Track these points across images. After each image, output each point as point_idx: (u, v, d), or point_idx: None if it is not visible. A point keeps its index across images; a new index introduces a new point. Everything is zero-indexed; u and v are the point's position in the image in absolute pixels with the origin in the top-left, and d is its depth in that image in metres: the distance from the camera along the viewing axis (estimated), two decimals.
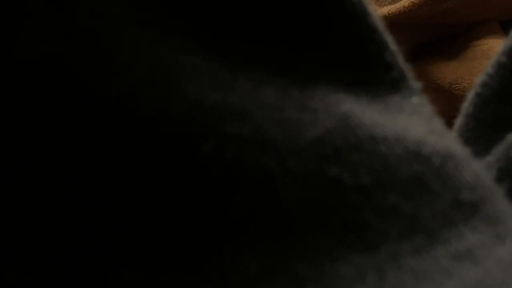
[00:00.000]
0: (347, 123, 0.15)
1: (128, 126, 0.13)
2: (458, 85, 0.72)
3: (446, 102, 0.72)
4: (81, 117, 0.13)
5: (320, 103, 0.15)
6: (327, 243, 0.13)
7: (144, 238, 0.13)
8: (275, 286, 0.13)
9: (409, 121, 0.16)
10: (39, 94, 0.13)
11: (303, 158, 0.14)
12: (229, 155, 0.13)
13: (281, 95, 0.14)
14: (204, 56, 0.14)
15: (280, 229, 0.13)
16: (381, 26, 0.17)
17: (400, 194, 0.14)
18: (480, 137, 0.27)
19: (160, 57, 0.14)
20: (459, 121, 0.29)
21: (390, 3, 0.76)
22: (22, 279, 0.13)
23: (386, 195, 0.14)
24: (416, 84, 0.17)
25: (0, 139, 0.13)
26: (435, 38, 0.77)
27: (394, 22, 0.72)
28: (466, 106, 0.29)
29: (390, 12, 0.73)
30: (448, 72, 0.73)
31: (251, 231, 0.13)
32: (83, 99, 0.13)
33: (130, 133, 0.13)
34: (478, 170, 0.16)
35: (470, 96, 0.28)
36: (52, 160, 0.13)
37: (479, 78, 0.28)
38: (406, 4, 0.72)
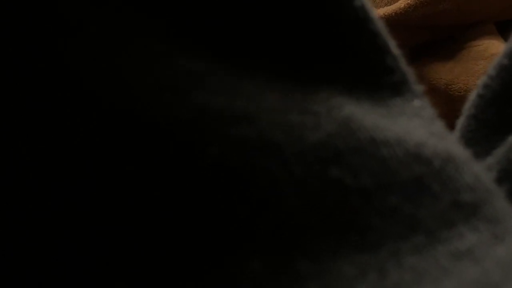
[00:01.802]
0: (349, 126, 0.15)
1: (135, 130, 0.13)
2: (454, 86, 0.72)
3: (442, 103, 0.73)
4: (88, 123, 0.13)
5: (322, 107, 0.15)
6: (329, 243, 0.14)
7: (149, 239, 0.13)
8: (279, 284, 0.13)
9: (410, 123, 0.16)
10: (48, 98, 0.13)
11: (306, 161, 0.14)
12: (234, 159, 0.13)
13: (284, 98, 0.15)
14: (208, 62, 0.14)
15: (284, 229, 0.13)
16: (383, 30, 0.17)
17: (401, 196, 0.14)
18: (481, 138, 0.27)
19: (166, 63, 0.14)
20: (460, 121, 0.29)
21: (386, 5, 0.76)
22: (22, 279, 0.13)
23: (387, 197, 0.14)
24: (418, 87, 0.17)
25: (0, 139, 0.13)
26: (431, 39, 0.77)
27: (390, 23, 0.72)
28: (468, 107, 0.29)
29: (386, 14, 0.73)
30: (444, 73, 0.73)
31: (255, 231, 0.13)
32: (91, 104, 0.13)
33: (137, 138, 0.13)
34: (478, 171, 0.16)
35: (472, 97, 0.29)
36: (58, 162, 0.13)
37: (481, 80, 0.28)
38: (402, 6, 0.73)
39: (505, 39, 0.74)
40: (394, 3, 0.75)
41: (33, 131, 0.13)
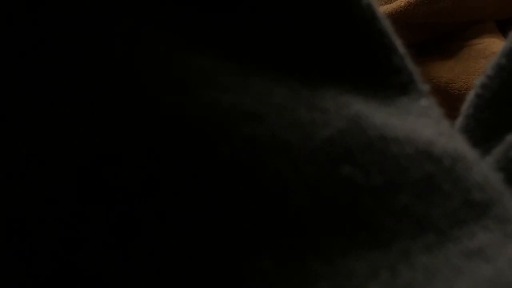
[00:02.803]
0: (358, 124, 0.15)
1: (144, 129, 0.13)
2: (454, 84, 0.72)
3: (442, 101, 0.73)
4: (95, 120, 0.13)
5: (331, 104, 0.15)
6: (340, 241, 0.13)
7: (162, 236, 0.13)
8: (289, 282, 0.13)
9: (418, 123, 0.16)
10: (57, 96, 0.13)
11: (316, 159, 0.14)
12: (244, 157, 0.13)
13: (293, 95, 0.15)
14: (217, 59, 0.14)
15: (294, 227, 0.13)
16: (390, 29, 0.17)
17: (411, 194, 0.14)
18: (480, 138, 0.27)
19: (175, 61, 0.14)
20: (459, 121, 0.29)
21: (386, 3, 0.76)
22: (22, 279, 0.13)
23: (397, 195, 0.14)
24: (424, 87, 0.17)
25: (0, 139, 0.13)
26: (431, 38, 0.77)
27: (391, 21, 0.72)
28: (466, 107, 0.29)
29: (386, 12, 0.73)
30: (445, 71, 0.73)
31: (265, 230, 0.13)
32: (98, 100, 0.13)
33: (146, 136, 0.13)
34: (487, 171, 0.16)
35: (470, 97, 0.29)
36: (63, 158, 0.13)
37: (479, 79, 0.28)
38: (403, 4, 0.73)
39: (506, 37, 0.74)
40: (395, 1, 0.75)
41: (33, 131, 0.13)
